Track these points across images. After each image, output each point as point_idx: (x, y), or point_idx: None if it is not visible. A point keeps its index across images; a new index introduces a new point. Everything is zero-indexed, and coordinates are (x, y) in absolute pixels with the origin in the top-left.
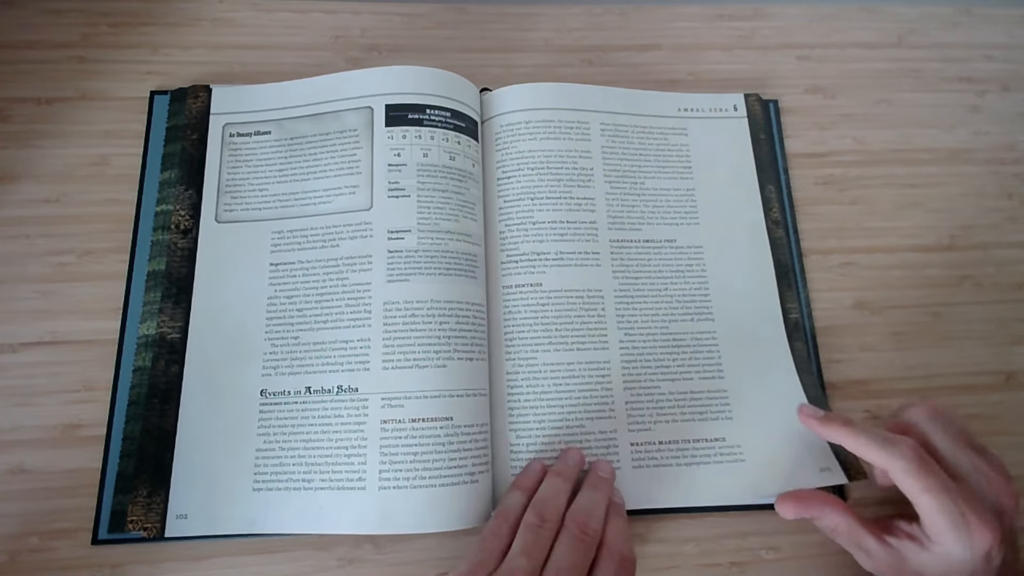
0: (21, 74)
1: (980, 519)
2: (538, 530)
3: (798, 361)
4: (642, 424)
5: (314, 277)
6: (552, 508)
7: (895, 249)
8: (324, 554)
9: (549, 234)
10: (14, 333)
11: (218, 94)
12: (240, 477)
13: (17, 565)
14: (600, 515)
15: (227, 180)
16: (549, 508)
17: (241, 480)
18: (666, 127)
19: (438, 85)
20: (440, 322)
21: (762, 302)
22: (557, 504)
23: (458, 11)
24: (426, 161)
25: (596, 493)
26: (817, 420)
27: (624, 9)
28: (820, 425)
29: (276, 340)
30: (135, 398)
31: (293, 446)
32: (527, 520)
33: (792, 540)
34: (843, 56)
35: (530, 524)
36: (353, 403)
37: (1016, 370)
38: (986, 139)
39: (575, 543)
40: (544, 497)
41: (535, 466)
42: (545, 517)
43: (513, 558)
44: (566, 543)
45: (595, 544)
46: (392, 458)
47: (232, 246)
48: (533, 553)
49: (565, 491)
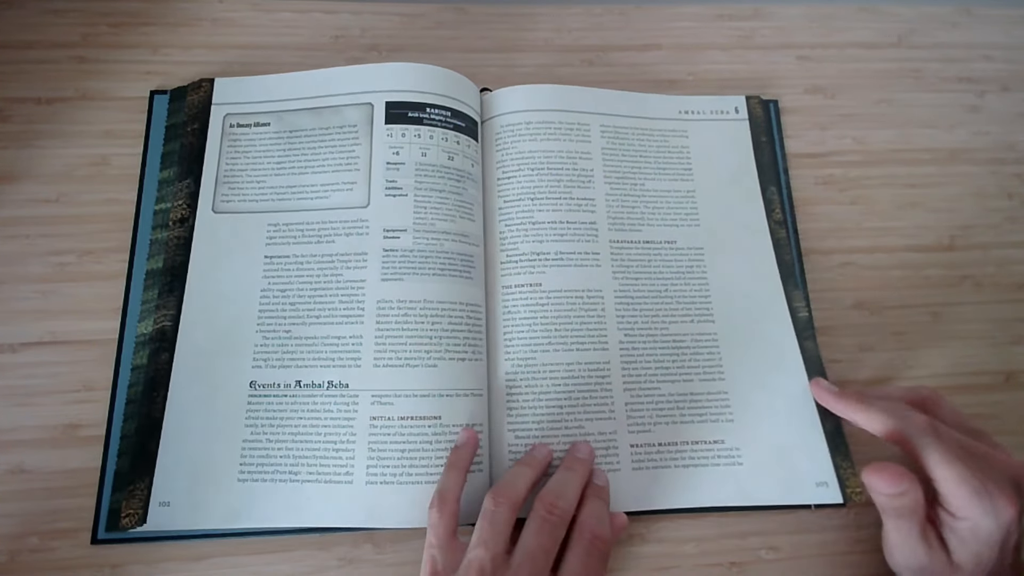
0: (21, 74)
1: (1000, 488)
2: (493, 515)
3: (808, 360)
4: (642, 425)
5: (308, 272)
6: (509, 492)
7: (895, 249)
8: (324, 554)
9: (549, 234)
10: (14, 333)
11: (220, 85)
12: (226, 467)
13: (17, 565)
14: (571, 495)
15: (226, 170)
16: (505, 492)
17: (226, 470)
18: (666, 129)
19: (439, 84)
20: (432, 322)
21: (767, 302)
22: (516, 489)
23: (458, 11)
24: (424, 160)
25: (569, 473)
26: (832, 395)
27: (624, 9)
28: (835, 399)
29: (268, 333)
30: (134, 397)
31: (281, 439)
32: (484, 508)
33: (792, 540)
34: (843, 56)
35: (485, 511)
36: (343, 399)
37: (1016, 370)
38: (986, 139)
39: (540, 524)
40: (502, 482)
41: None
42: (499, 501)
43: (471, 550)
44: (531, 526)
45: (564, 524)
46: (380, 454)
47: (228, 236)
48: (490, 542)
49: (527, 476)
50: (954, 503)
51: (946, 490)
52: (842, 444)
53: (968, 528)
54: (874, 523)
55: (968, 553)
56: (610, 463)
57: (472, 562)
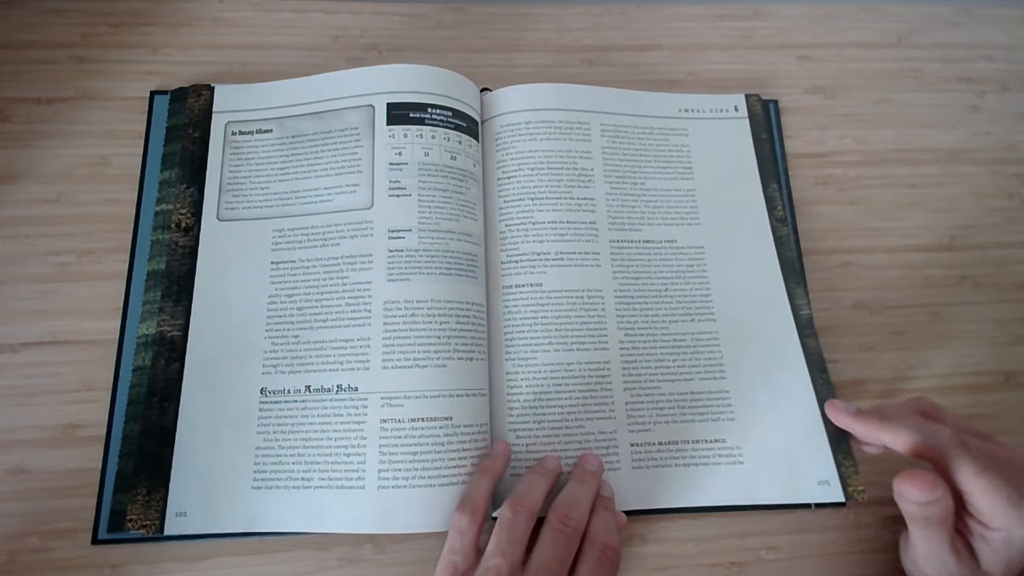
0: (21, 74)
1: None
2: (511, 524)
3: (810, 358)
4: (642, 425)
5: (314, 276)
6: (527, 502)
7: (895, 249)
8: (324, 554)
9: (549, 234)
10: (14, 333)
11: (221, 92)
12: (240, 475)
13: (17, 565)
14: (583, 507)
15: (229, 178)
16: (523, 502)
17: (241, 478)
18: (667, 128)
19: (440, 84)
20: (440, 322)
21: (769, 300)
22: (533, 499)
23: (458, 11)
24: (427, 160)
25: (580, 486)
26: (850, 416)
27: (624, 9)
28: (854, 420)
29: (276, 338)
30: (135, 398)
31: (292, 445)
32: (501, 516)
33: (792, 540)
34: (843, 56)
35: (503, 520)
36: (353, 402)
37: (1016, 370)
38: (986, 139)
39: (555, 535)
40: (519, 492)
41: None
42: (518, 511)
43: (488, 558)
44: (547, 536)
45: (577, 535)
46: (391, 457)
47: (233, 244)
48: (508, 551)
49: (542, 487)
50: (988, 514)
51: (980, 503)
52: (844, 442)
53: (1002, 538)
54: (875, 523)
55: (999, 561)
56: (610, 463)
57: (490, 569)
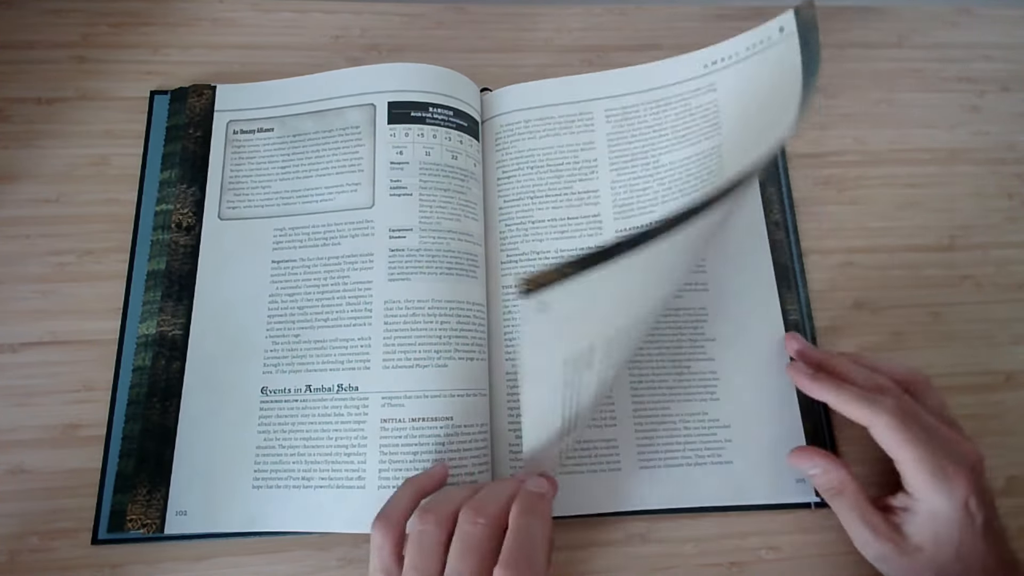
0: (21, 74)
1: (955, 467)
2: (420, 536)
3: None
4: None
5: (315, 275)
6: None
7: (895, 249)
8: (324, 554)
9: (549, 232)
10: (14, 333)
11: (222, 92)
12: (240, 474)
13: (17, 565)
14: (500, 498)
15: (230, 177)
16: (430, 512)
17: (241, 477)
18: (687, 92)
19: (440, 83)
20: (441, 322)
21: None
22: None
23: (458, 11)
24: (428, 160)
25: (496, 484)
26: (807, 376)
27: (624, 9)
28: (809, 381)
29: (277, 338)
30: (135, 398)
31: (293, 444)
32: (411, 531)
33: (792, 540)
34: (843, 56)
35: (412, 534)
36: (353, 402)
37: (1016, 370)
38: (986, 139)
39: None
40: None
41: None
42: (425, 520)
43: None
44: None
45: (495, 526)
46: (392, 457)
47: (234, 243)
48: (421, 565)
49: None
50: (912, 483)
51: (905, 471)
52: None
53: (927, 510)
54: None
55: (927, 535)
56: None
57: None
